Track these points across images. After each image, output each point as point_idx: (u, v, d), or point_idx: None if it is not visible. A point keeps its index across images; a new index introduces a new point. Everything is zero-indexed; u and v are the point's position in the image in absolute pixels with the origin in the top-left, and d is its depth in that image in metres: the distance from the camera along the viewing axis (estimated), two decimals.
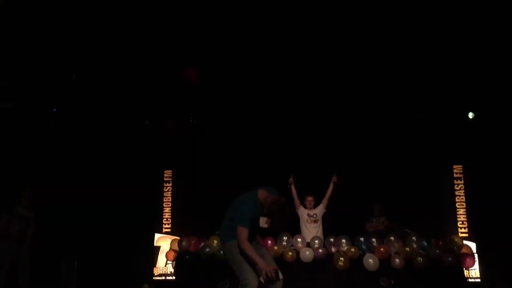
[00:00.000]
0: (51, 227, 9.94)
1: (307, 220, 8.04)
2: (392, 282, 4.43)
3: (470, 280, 9.25)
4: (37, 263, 9.36)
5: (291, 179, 8.10)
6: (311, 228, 7.96)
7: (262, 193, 4.51)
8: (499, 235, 9.34)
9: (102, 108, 10.27)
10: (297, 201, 8.18)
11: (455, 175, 10.31)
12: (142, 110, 10.43)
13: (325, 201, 8.15)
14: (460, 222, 10.04)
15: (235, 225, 4.39)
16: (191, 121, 10.75)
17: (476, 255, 9.10)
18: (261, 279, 4.14)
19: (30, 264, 7.60)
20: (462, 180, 10.26)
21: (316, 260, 7.10)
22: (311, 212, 8.09)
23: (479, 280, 9.48)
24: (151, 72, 9.17)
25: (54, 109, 10.36)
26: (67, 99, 9.91)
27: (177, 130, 10.60)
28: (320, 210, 8.13)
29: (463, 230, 9.96)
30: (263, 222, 4.54)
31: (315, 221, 8.04)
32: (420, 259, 6.97)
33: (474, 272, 9.49)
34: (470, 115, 9.88)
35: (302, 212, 8.11)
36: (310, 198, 8.17)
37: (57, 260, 9.62)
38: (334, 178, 8.16)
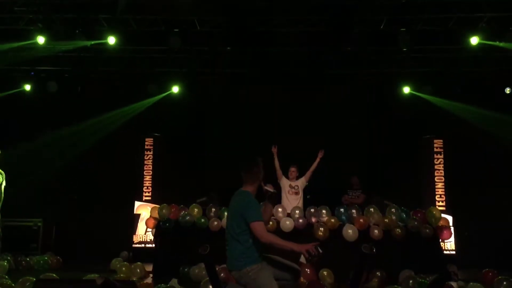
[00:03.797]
0: (31, 192, 9.85)
1: (288, 191, 8.08)
2: (374, 249, 4.43)
3: (445, 252, 9.45)
4: (16, 229, 9.28)
5: (274, 148, 8.09)
6: (292, 200, 7.99)
7: (247, 188, 4.28)
8: (475, 209, 9.56)
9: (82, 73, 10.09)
10: (279, 172, 8.18)
11: (435, 149, 10.41)
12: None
13: (308, 174, 8.16)
14: (438, 196, 10.20)
15: (250, 225, 4.05)
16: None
17: (452, 228, 9.28)
18: (302, 260, 3.99)
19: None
20: (442, 155, 10.37)
21: (296, 230, 7.14)
22: (293, 184, 8.13)
23: (454, 252, 9.70)
24: None
25: (32, 73, 10.13)
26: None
27: None
28: (301, 182, 8.15)
29: (440, 203, 10.12)
30: (270, 188, 4.40)
31: (296, 193, 8.08)
32: (398, 230, 7.06)
33: (449, 245, 9.70)
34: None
35: (284, 183, 8.13)
36: (293, 169, 8.18)
37: (36, 225, 9.55)
38: (321, 154, 8.14)
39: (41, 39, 8.65)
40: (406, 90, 10.39)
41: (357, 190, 8.94)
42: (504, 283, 6.08)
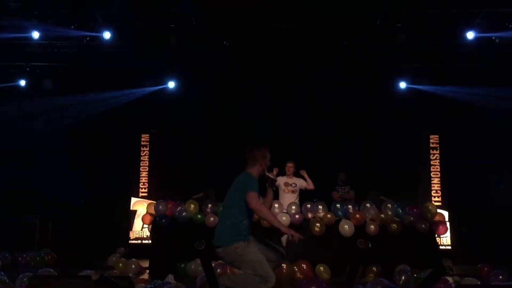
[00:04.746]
0: (27, 188, 9.82)
1: (284, 190, 7.91)
2: (370, 244, 4.47)
3: (441, 247, 9.48)
4: (13, 225, 9.26)
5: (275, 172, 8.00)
6: (288, 197, 7.84)
7: (249, 169, 4.38)
8: (471, 205, 9.59)
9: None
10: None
11: (431, 145, 10.42)
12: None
13: (306, 184, 7.97)
14: (434, 191, 10.22)
15: (245, 196, 4.14)
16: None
17: (448, 223, 9.30)
18: (283, 239, 4.12)
19: None
20: (438, 150, 10.38)
21: (292, 225, 7.14)
22: (290, 181, 7.96)
23: (450, 247, 9.74)
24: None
25: (28, 69, 10.09)
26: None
27: None
28: (300, 182, 7.98)
29: (436, 198, 10.15)
30: (271, 175, 4.47)
31: (293, 191, 7.91)
32: (394, 225, 7.09)
33: (445, 240, 9.73)
34: None
35: (280, 181, 7.98)
36: (290, 165, 7.99)
37: (32, 222, 9.54)
38: (303, 173, 7.97)
39: (36, 34, 8.61)
40: (403, 85, 10.39)
41: (346, 186, 8.94)
42: (500, 277, 6.11)
